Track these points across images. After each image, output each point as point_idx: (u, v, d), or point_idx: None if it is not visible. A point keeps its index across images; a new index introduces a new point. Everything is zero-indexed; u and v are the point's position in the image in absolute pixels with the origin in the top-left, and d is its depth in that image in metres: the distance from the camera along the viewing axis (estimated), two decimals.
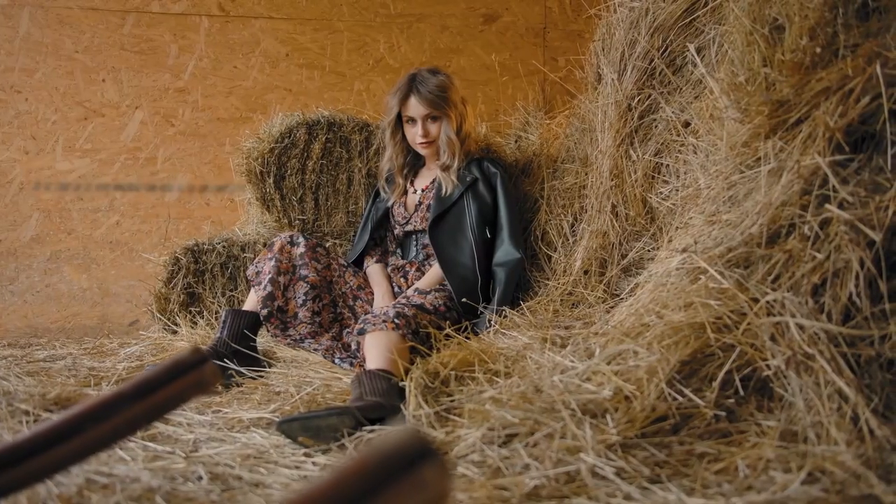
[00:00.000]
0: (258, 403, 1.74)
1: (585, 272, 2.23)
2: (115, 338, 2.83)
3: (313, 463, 1.33)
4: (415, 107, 2.28)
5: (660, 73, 2.17)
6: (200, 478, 1.21)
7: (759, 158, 1.66)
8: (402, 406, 1.51)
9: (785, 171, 1.53)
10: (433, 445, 0.46)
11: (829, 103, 1.48)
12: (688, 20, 2.14)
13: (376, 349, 1.77)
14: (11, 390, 1.63)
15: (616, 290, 2.20)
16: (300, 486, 1.18)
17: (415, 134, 2.32)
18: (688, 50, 2.14)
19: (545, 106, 3.25)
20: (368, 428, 1.42)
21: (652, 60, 2.17)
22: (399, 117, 2.34)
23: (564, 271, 2.26)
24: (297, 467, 1.31)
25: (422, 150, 2.36)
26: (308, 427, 1.37)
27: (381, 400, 1.49)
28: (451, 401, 1.45)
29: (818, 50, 1.53)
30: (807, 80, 1.54)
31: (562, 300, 2.18)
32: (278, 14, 3.25)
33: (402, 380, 1.63)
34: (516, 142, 2.93)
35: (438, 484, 0.44)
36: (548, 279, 2.29)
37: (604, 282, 2.18)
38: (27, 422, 1.46)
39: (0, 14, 3.06)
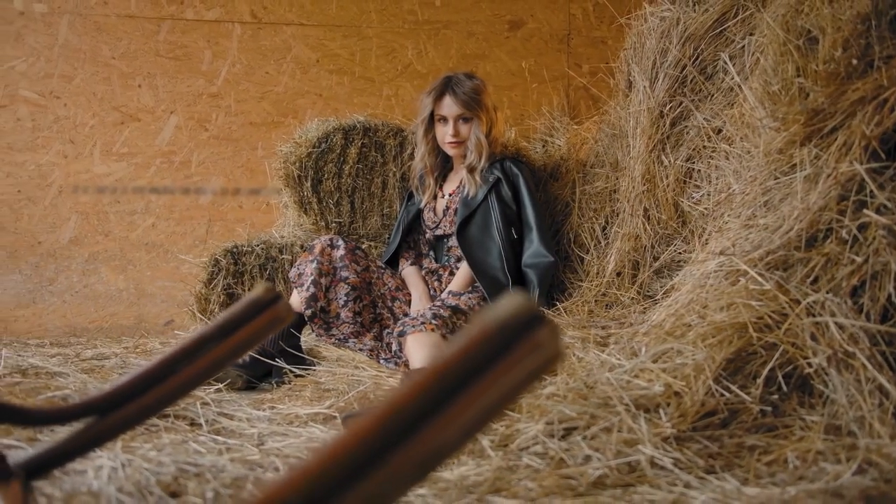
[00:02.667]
0: (309, 400, 1.82)
1: (618, 274, 2.30)
2: (153, 337, 2.91)
3: None
4: (448, 106, 2.35)
5: (691, 81, 2.24)
6: (277, 468, 1.28)
7: (794, 165, 1.72)
8: None
9: (821, 177, 1.59)
10: (538, 311, 0.51)
11: (864, 112, 1.55)
12: (718, 30, 2.21)
13: (420, 349, 1.85)
14: (79, 387, 1.70)
15: (648, 292, 2.27)
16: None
17: (445, 133, 2.39)
18: (718, 59, 2.22)
19: (570, 111, 3.32)
20: None
21: (684, 68, 2.24)
22: (431, 117, 2.41)
23: (597, 273, 2.33)
24: None
25: (450, 150, 2.43)
26: None
27: None
28: None
29: (854, 62, 1.60)
30: (843, 91, 1.60)
31: (596, 301, 2.25)
32: (309, 21, 3.33)
33: None
34: (543, 146, 3.00)
35: (552, 344, 0.50)
36: (581, 281, 2.36)
37: (636, 283, 2.25)
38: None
39: (40, 22, 3.15)
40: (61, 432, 1.18)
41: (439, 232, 2.48)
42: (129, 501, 1.02)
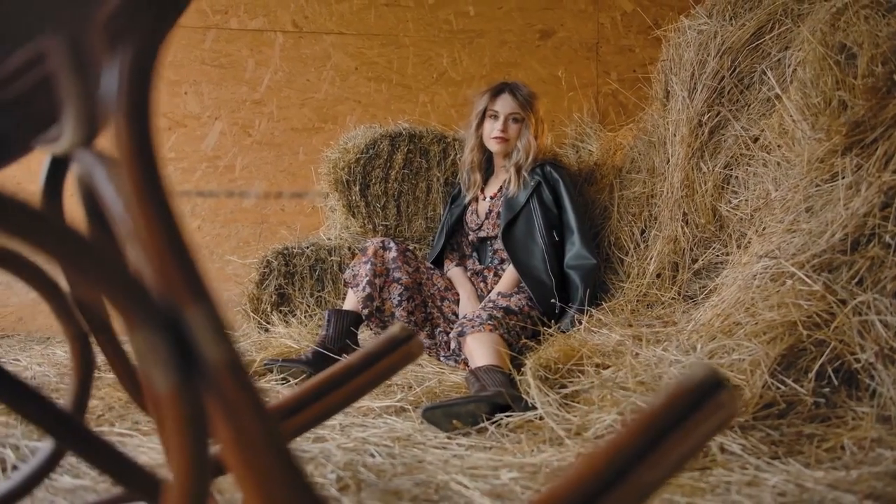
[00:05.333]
0: (376, 395, 1.93)
1: (658, 275, 2.41)
2: None
3: (457, 444, 1.51)
4: (504, 102, 2.48)
5: (728, 92, 2.35)
6: (373, 455, 1.39)
7: (835, 174, 1.84)
8: (521, 394, 1.69)
9: (863, 186, 1.71)
10: (724, 377, 0.63)
11: None
12: (755, 44, 2.32)
13: (481, 348, 1.96)
14: None
15: (688, 292, 2.38)
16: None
17: (493, 128, 2.50)
18: (755, 71, 2.33)
19: (599, 117, 3.44)
20: (496, 414, 1.61)
21: (722, 80, 2.34)
22: (484, 114, 2.53)
23: (638, 274, 2.44)
24: (444, 447, 1.50)
25: (494, 145, 2.53)
26: (450, 414, 1.56)
27: (504, 390, 1.68)
28: (574, 389, 1.63)
29: (895, 77, 1.71)
30: (884, 104, 1.72)
31: (638, 300, 2.36)
32: (348, 30, 3.44)
33: (510, 373, 1.82)
34: (577, 152, 3.11)
35: (731, 404, 0.62)
36: (622, 281, 2.47)
37: (676, 284, 2.36)
38: None
39: None
40: None
41: (482, 234, 2.59)
42: None
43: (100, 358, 0.97)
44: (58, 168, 0.88)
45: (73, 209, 0.72)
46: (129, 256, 0.46)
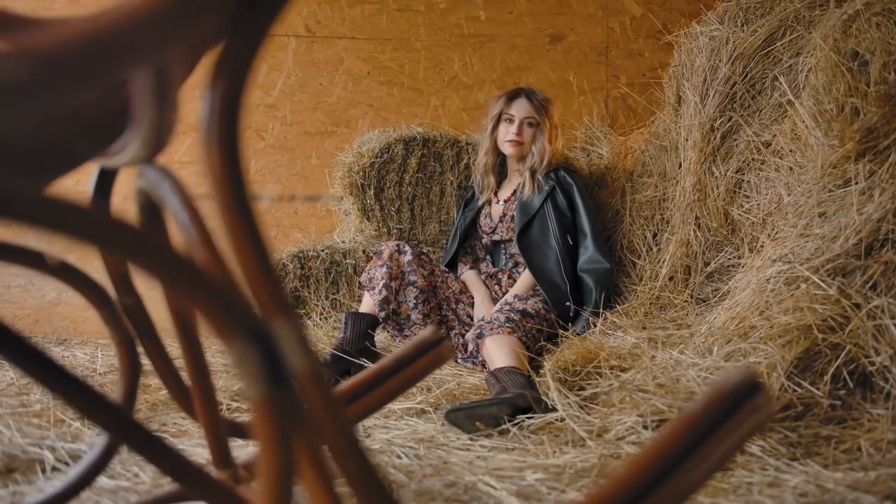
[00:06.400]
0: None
1: (670, 278, 2.44)
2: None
3: (480, 445, 1.54)
4: (520, 106, 2.51)
5: (740, 97, 2.38)
6: (399, 456, 1.43)
7: (847, 180, 1.87)
8: (541, 396, 1.73)
9: (876, 191, 1.74)
10: (760, 380, 0.66)
11: None
12: (766, 50, 2.35)
13: (500, 350, 1.99)
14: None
15: (700, 295, 2.41)
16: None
17: (508, 131, 2.54)
18: (766, 76, 2.36)
19: (609, 121, 3.47)
20: (517, 416, 1.64)
21: (734, 85, 2.38)
22: (499, 118, 2.56)
23: (650, 277, 2.48)
24: (467, 449, 1.53)
25: (508, 148, 2.56)
26: (472, 416, 1.59)
27: (525, 392, 1.71)
28: (593, 392, 1.66)
29: None
30: None
31: (651, 303, 2.39)
32: (360, 35, 3.48)
33: (529, 375, 1.86)
34: (587, 155, 3.14)
35: (768, 406, 0.65)
36: (635, 284, 2.51)
37: (688, 287, 2.39)
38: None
39: None
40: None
41: (496, 237, 2.62)
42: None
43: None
44: (105, 178, 0.92)
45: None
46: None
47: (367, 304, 2.40)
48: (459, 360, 2.24)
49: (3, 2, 0.78)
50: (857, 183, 1.82)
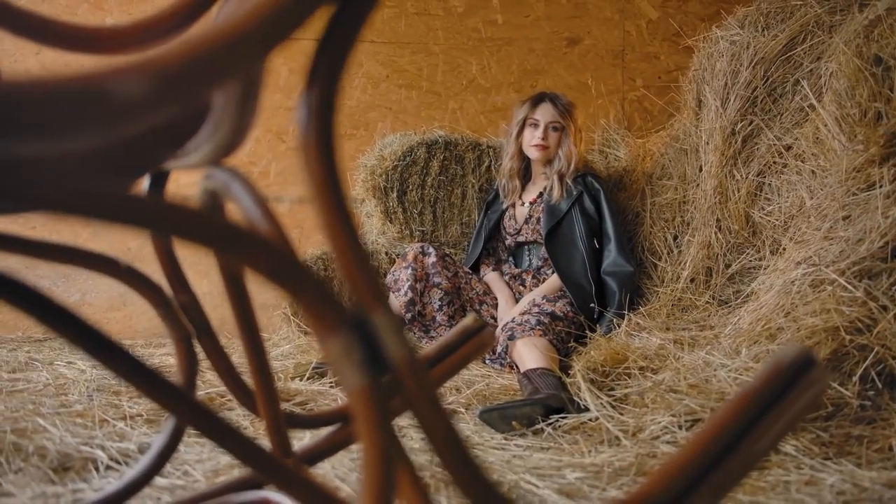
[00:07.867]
0: None
1: (692, 280, 2.47)
2: (236, 338, 3.09)
3: (515, 445, 1.58)
4: (544, 110, 2.55)
5: (761, 101, 2.41)
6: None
7: (871, 183, 1.90)
8: (573, 397, 1.76)
9: None
10: (815, 355, 0.69)
11: None
12: (787, 55, 2.38)
13: (532, 352, 2.02)
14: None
15: (721, 297, 2.44)
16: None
17: (533, 136, 2.58)
18: (787, 81, 2.39)
19: (626, 123, 3.50)
20: (551, 416, 1.68)
21: (755, 89, 2.41)
22: (524, 123, 2.60)
23: (672, 279, 2.51)
24: (503, 448, 1.56)
25: (533, 152, 2.60)
26: (506, 415, 1.62)
27: (557, 392, 1.75)
28: (625, 392, 1.70)
29: None
30: None
31: (673, 305, 2.43)
32: (379, 38, 3.52)
33: (560, 376, 1.89)
34: (605, 158, 3.18)
35: (823, 380, 0.68)
36: (657, 286, 2.54)
37: (710, 289, 2.43)
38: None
39: None
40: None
41: (521, 238, 2.66)
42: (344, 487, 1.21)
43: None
44: (158, 179, 0.96)
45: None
46: None
47: (392, 305, 2.43)
48: (487, 361, 2.28)
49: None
50: (881, 186, 1.85)
